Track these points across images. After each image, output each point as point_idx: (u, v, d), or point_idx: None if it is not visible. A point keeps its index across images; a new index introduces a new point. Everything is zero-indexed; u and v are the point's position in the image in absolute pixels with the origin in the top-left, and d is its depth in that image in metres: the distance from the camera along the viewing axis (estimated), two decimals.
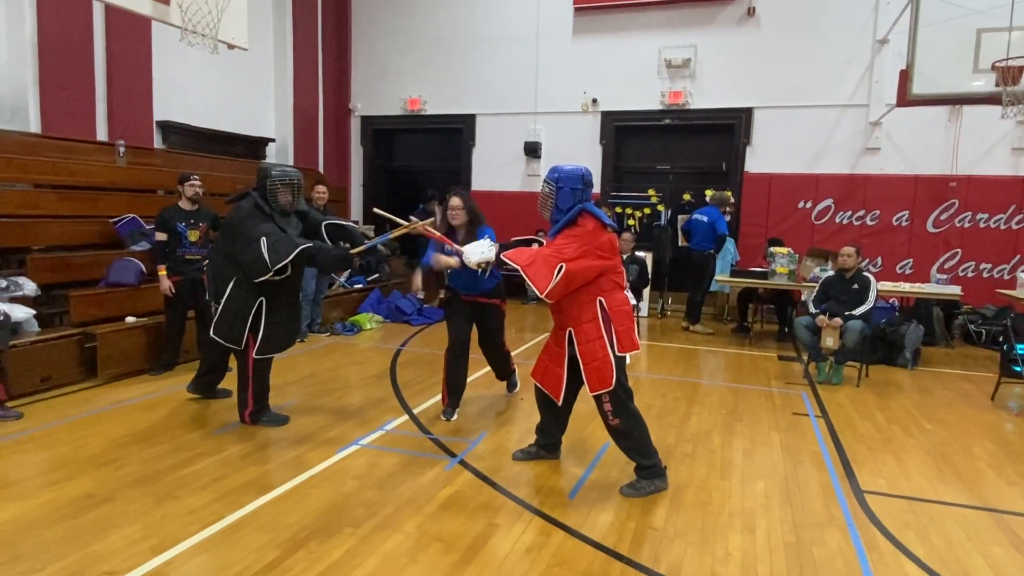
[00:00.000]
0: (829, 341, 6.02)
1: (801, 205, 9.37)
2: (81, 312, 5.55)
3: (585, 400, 5.05)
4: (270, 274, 4.08)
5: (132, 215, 6.63)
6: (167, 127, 8.33)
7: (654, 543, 3.04)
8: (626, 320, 3.52)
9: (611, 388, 3.43)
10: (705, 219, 8.59)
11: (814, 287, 6.67)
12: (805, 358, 6.63)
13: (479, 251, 3.77)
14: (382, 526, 3.11)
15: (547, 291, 3.32)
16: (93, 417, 4.55)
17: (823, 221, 9.29)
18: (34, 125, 6.60)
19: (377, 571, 2.73)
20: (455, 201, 4.61)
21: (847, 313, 6.00)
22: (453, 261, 4.35)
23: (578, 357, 3.49)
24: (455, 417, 4.74)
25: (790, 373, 6.45)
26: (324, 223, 4.59)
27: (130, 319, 5.83)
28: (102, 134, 7.30)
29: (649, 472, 3.59)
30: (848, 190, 9.14)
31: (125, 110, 7.54)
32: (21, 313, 5.03)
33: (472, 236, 4.41)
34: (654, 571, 2.80)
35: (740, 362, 6.91)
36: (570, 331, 3.53)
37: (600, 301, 3.47)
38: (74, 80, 6.89)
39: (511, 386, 5.43)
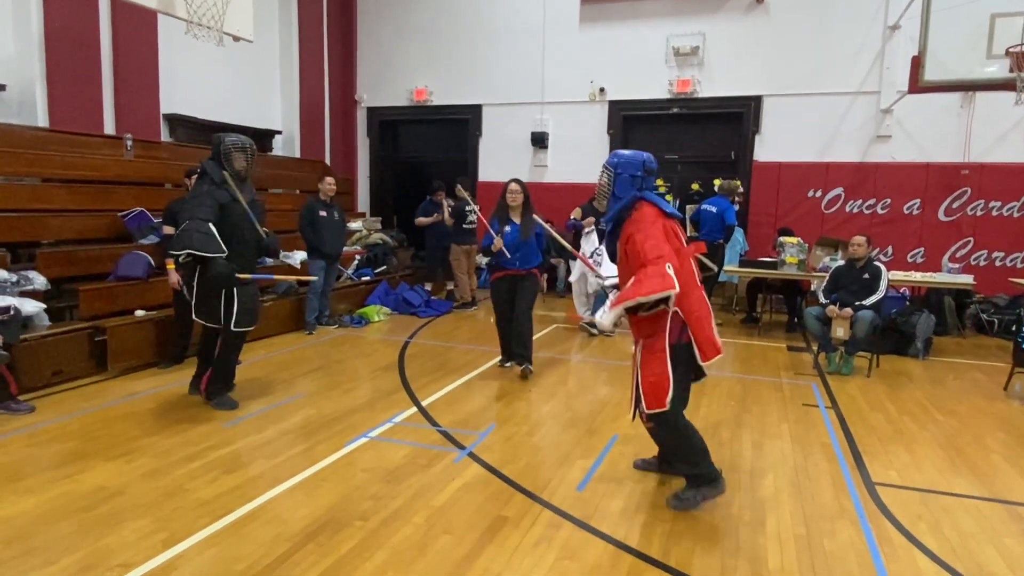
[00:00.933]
0: (839, 331, 5.98)
1: (811, 194, 9.29)
2: (91, 306, 5.58)
3: (591, 389, 5.03)
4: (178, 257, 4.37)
5: (140, 208, 6.64)
6: (174, 120, 8.34)
7: (663, 535, 3.03)
8: (705, 325, 3.22)
9: (665, 409, 3.14)
10: (714, 209, 8.51)
11: (824, 277, 6.62)
12: (815, 348, 6.59)
13: (604, 309, 3.48)
14: (391, 519, 3.12)
15: (674, 286, 3.00)
16: (104, 410, 4.58)
17: (833, 210, 9.21)
18: (42, 119, 6.61)
19: (386, 564, 2.74)
20: (514, 186, 5.61)
21: (857, 303, 5.95)
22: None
23: (638, 367, 3.26)
24: (508, 364, 5.80)
25: (800, 364, 6.42)
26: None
27: (139, 312, 5.85)
28: (109, 128, 7.31)
29: (696, 480, 3.28)
30: (859, 178, 9.05)
31: (132, 103, 7.54)
32: (32, 307, 5.06)
33: (528, 220, 5.52)
34: (664, 564, 2.79)
35: (749, 353, 6.87)
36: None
37: (675, 311, 3.15)
38: (81, 74, 6.90)
39: (525, 373, 5.55)
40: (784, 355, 6.78)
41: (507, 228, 5.56)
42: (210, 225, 4.29)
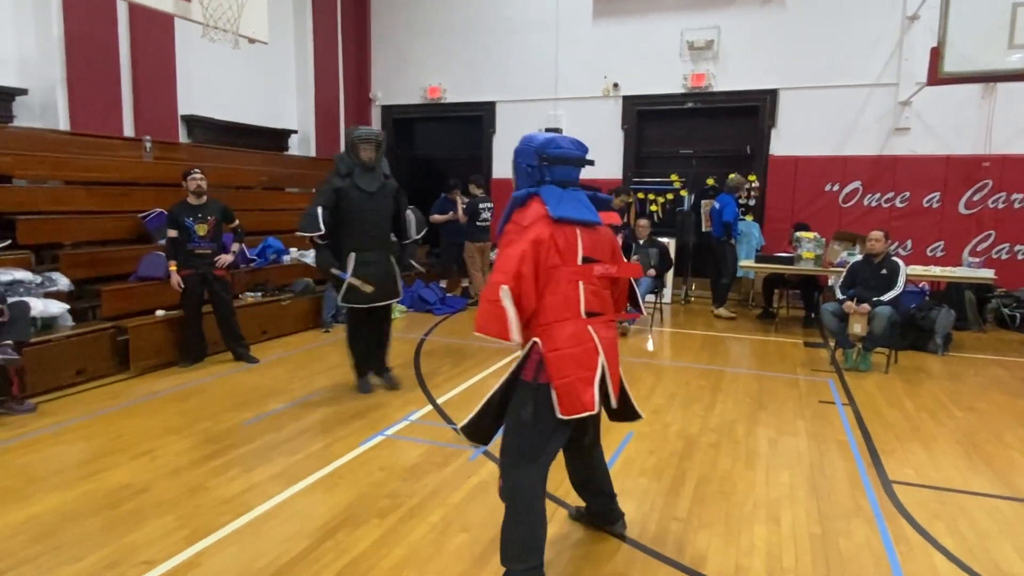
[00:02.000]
0: (857, 327, 5.93)
1: (828, 188, 9.19)
2: (112, 306, 5.68)
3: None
4: (308, 234, 4.74)
5: (159, 209, 6.74)
6: (192, 121, 8.43)
7: (678, 534, 3.04)
8: (570, 370, 2.45)
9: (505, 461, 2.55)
10: (717, 206, 8.52)
11: (841, 272, 6.56)
12: (832, 344, 6.54)
13: None
14: (408, 517, 3.16)
15: (509, 335, 2.37)
16: (127, 409, 4.67)
17: (851, 204, 9.11)
18: (63, 122, 6.73)
19: (403, 561, 2.78)
20: None
21: (875, 299, 5.90)
22: None
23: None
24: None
25: (817, 360, 6.38)
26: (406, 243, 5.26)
27: (160, 312, 5.95)
28: (129, 130, 7.42)
29: None
30: (876, 172, 8.94)
31: (150, 105, 7.65)
32: (56, 308, 5.17)
33: None
34: (677, 562, 2.81)
35: (766, 349, 6.84)
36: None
37: (535, 343, 2.48)
38: (101, 77, 7.00)
39: None
40: (801, 351, 6.74)
41: None
42: (319, 209, 4.68)
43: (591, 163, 2.70)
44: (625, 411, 2.83)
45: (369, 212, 4.85)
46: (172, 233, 5.66)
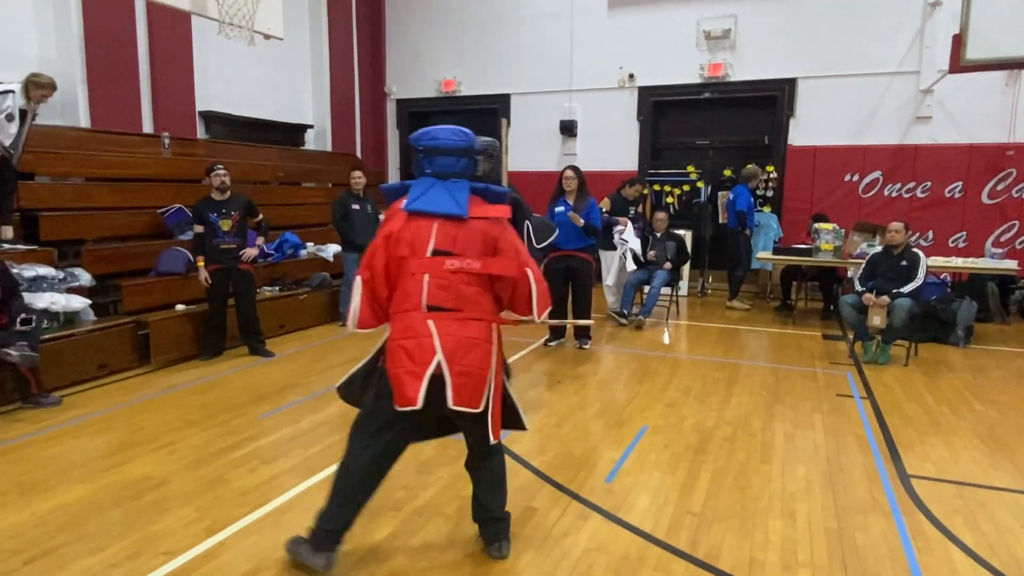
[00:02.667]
0: (876, 320, 5.86)
1: (848, 178, 9.07)
2: (133, 301, 5.78)
3: (621, 380, 5.03)
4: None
5: (179, 205, 6.83)
6: (209, 117, 8.52)
7: (692, 528, 3.04)
8: (399, 362, 2.46)
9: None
10: (731, 196, 8.45)
11: (860, 263, 6.48)
12: (851, 337, 6.47)
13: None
14: (423, 509, 3.19)
15: (349, 322, 2.61)
16: (148, 402, 4.76)
17: (871, 194, 8.98)
18: (84, 119, 6.83)
19: (418, 553, 2.81)
20: (569, 172, 6.21)
21: (895, 291, 5.82)
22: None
23: None
24: (555, 344, 6.37)
25: (835, 353, 6.31)
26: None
27: (180, 307, 6.04)
28: (147, 126, 7.51)
29: (319, 535, 2.59)
30: (897, 161, 8.80)
31: (169, 102, 7.74)
32: (78, 303, 5.27)
33: (580, 201, 6.12)
34: (691, 556, 2.81)
35: (783, 342, 6.78)
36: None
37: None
38: (120, 74, 7.10)
39: (584, 340, 6.39)
40: (819, 344, 6.68)
41: (559, 208, 6.15)
42: None
43: (477, 153, 2.64)
44: (506, 419, 2.70)
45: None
46: (198, 229, 5.74)
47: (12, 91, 5.09)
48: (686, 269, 9.15)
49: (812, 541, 2.94)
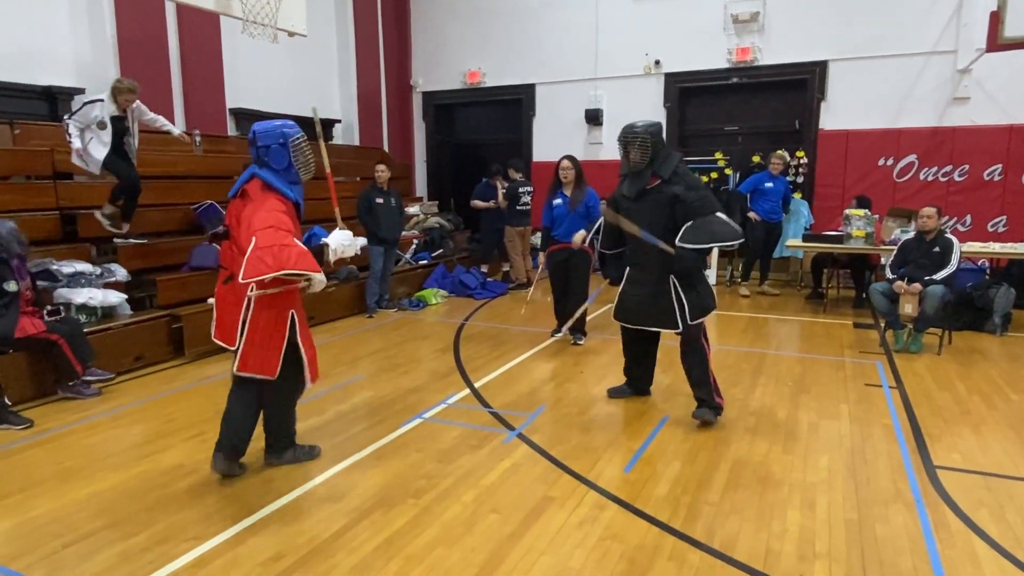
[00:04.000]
0: (907, 308, 5.73)
1: (881, 163, 8.84)
2: (167, 295, 5.96)
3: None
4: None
5: (210, 201, 7.00)
6: (239, 114, 8.70)
7: (709, 518, 3.04)
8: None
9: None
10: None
11: (894, 250, 6.33)
12: (882, 325, 6.34)
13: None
14: (442, 497, 3.25)
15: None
16: (181, 393, 4.92)
17: (906, 179, 8.74)
18: None
19: (436, 540, 2.87)
20: (565, 162, 5.90)
21: (927, 278, 5.68)
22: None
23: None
24: (561, 333, 6.06)
25: (866, 341, 6.19)
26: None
27: (211, 300, 6.17)
28: (180, 124, 7.71)
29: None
30: (934, 144, 8.54)
31: (200, 100, 7.93)
32: (115, 298, 5.47)
33: (578, 193, 5.83)
34: (707, 546, 2.81)
35: (813, 331, 6.67)
36: None
37: None
38: (152, 74, 7.28)
39: (578, 336, 6.14)
40: (849, 333, 6.55)
41: (557, 200, 5.92)
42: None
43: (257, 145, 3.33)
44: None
45: (639, 221, 4.06)
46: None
47: (101, 100, 5.45)
48: (714, 258, 9.05)
49: (830, 532, 2.92)
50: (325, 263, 3.38)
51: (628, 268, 4.29)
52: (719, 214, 3.98)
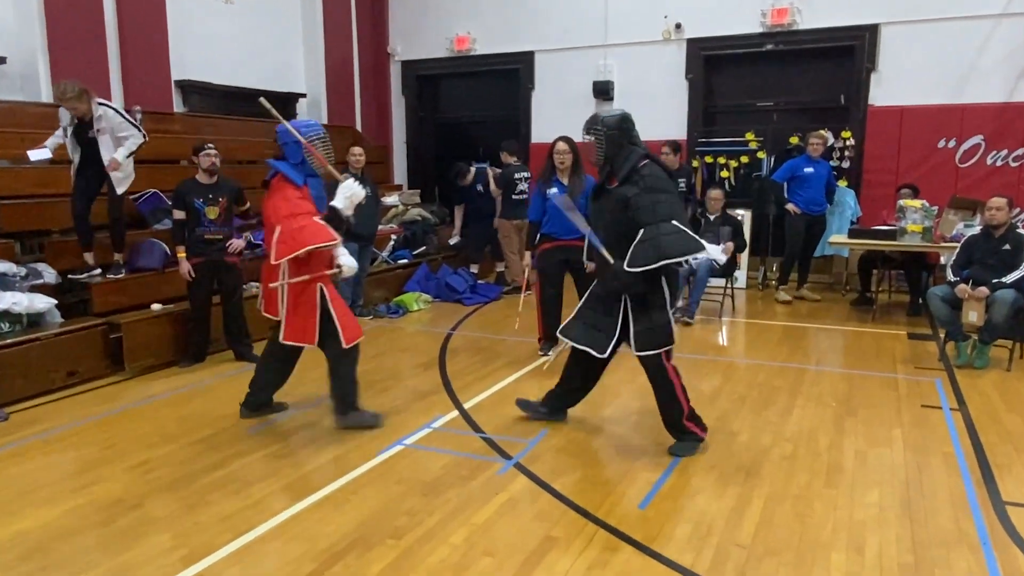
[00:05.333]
0: (972, 315, 5.81)
1: (941, 144, 8.92)
2: (104, 300, 5.98)
3: (654, 397, 5.06)
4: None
5: (153, 190, 7.04)
6: (187, 87, 8.74)
7: (739, 562, 3.09)
8: None
9: None
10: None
11: (955, 248, 6.41)
12: (942, 336, 6.41)
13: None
14: (427, 537, 3.29)
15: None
16: (121, 414, 4.96)
17: (970, 163, 8.83)
18: (45, 94, 7.07)
19: None
20: (562, 145, 5.78)
21: (995, 281, 5.75)
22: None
23: None
24: (552, 354, 5.93)
25: (923, 355, 6.26)
26: None
27: (156, 306, 6.24)
28: (117, 99, 7.73)
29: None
30: (1003, 123, 8.63)
31: (140, 71, 7.96)
32: (42, 303, 5.50)
33: (578, 182, 5.68)
34: None
35: (860, 342, 6.75)
36: None
37: None
38: (85, 41, 7.33)
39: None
40: (903, 345, 6.63)
41: (553, 190, 5.65)
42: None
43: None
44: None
45: (596, 223, 4.23)
46: (179, 215, 5.89)
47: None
48: (744, 258, 9.11)
49: None
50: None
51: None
52: (674, 222, 3.88)
